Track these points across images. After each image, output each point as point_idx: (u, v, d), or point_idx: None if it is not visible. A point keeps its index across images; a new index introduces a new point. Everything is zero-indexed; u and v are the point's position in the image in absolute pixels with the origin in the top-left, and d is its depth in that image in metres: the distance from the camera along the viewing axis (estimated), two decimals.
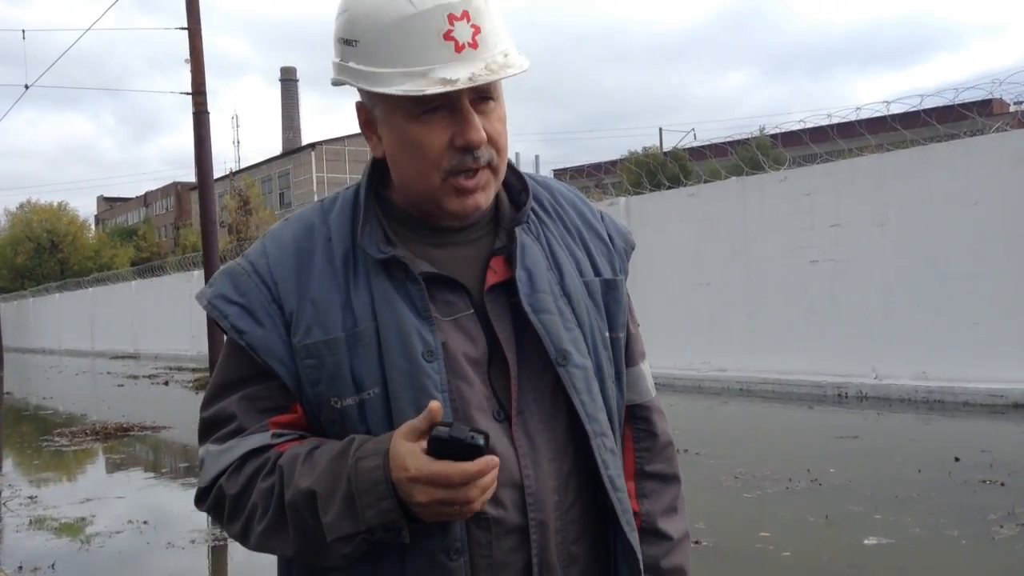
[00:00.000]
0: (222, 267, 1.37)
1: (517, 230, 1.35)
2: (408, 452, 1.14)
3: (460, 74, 1.21)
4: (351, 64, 1.26)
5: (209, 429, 1.33)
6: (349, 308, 1.27)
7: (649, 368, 1.53)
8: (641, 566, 1.36)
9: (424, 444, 1.14)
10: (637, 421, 1.47)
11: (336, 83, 1.34)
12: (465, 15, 1.22)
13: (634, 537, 1.35)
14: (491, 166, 1.29)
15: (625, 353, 1.45)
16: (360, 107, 1.33)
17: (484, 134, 1.25)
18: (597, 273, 1.42)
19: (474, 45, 1.22)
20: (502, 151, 1.30)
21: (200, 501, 1.34)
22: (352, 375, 1.25)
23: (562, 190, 1.48)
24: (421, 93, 1.20)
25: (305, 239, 1.33)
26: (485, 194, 1.30)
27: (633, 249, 1.52)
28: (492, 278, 1.33)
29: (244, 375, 1.31)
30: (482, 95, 1.26)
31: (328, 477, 1.19)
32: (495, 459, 1.14)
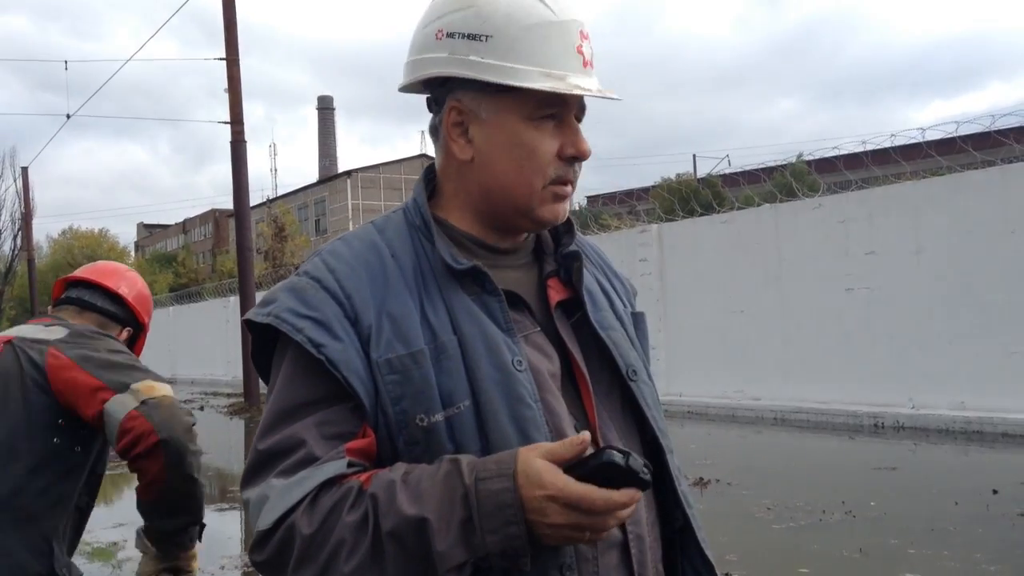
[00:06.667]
0: (278, 285, 1.30)
1: (579, 251, 1.38)
2: (546, 469, 1.08)
3: (591, 85, 1.27)
4: (473, 58, 1.25)
5: (270, 461, 1.19)
6: (426, 322, 1.24)
7: None
8: None
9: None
10: None
11: (416, 84, 1.32)
12: (586, 36, 1.30)
13: (711, 555, 1.36)
14: (574, 184, 1.33)
15: None
16: (454, 106, 1.29)
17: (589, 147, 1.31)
18: (625, 306, 1.47)
19: (591, 65, 1.30)
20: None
21: (260, 549, 1.17)
22: (439, 389, 1.20)
23: (578, 233, 1.52)
24: (568, 92, 1.24)
25: (371, 254, 1.29)
26: (567, 207, 1.35)
27: (636, 294, 1.57)
28: (555, 296, 1.34)
29: (314, 397, 1.21)
30: (578, 115, 1.32)
31: (439, 501, 1.10)
32: (639, 492, 1.10)
